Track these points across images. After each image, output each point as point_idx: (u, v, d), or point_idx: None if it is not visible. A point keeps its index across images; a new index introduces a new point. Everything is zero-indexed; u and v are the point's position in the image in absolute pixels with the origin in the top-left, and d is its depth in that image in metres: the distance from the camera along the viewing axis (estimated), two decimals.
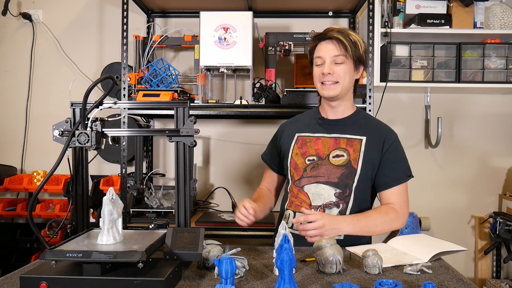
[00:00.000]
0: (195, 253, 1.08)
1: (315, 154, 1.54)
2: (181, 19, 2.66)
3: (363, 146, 1.50)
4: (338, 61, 1.50)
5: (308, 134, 1.59)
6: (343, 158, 1.50)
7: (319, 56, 1.52)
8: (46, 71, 2.72)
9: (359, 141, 1.51)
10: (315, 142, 1.56)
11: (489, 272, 2.61)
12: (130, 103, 1.40)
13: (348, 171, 1.49)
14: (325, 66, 1.50)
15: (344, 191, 1.49)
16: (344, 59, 1.49)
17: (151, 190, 2.31)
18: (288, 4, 2.50)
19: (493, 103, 2.64)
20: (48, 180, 1.12)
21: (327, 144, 1.54)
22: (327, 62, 1.50)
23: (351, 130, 1.54)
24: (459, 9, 2.33)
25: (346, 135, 1.54)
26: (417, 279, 1.08)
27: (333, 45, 1.50)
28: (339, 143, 1.53)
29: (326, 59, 1.50)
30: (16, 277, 1.07)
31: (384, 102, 2.37)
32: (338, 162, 1.50)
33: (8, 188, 2.46)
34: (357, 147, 1.51)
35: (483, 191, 2.65)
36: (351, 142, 1.52)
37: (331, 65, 1.50)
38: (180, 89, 2.24)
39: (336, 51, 1.49)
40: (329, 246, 1.13)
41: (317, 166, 1.52)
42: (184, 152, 1.22)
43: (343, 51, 1.49)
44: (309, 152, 1.55)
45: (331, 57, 1.50)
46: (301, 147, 1.57)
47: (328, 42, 1.51)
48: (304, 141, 1.58)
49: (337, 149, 1.52)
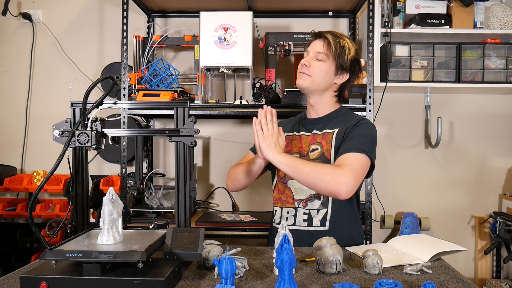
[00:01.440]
0: (195, 253, 1.08)
1: (298, 152, 1.60)
2: (181, 19, 2.66)
3: (334, 136, 1.54)
4: (319, 57, 1.55)
5: (294, 133, 1.66)
6: (317, 151, 1.56)
7: (307, 50, 1.60)
8: (46, 71, 2.72)
9: (331, 133, 1.56)
10: (299, 140, 1.63)
11: (489, 272, 2.61)
12: (130, 103, 1.40)
13: (322, 162, 1.52)
14: (305, 58, 1.58)
15: None
16: (325, 57, 1.55)
17: (151, 190, 2.31)
18: (288, 4, 2.50)
19: (493, 103, 2.64)
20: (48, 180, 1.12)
21: (306, 141, 1.60)
22: (309, 56, 1.57)
23: (330, 126, 1.59)
24: (459, 9, 2.33)
25: (324, 130, 1.58)
26: (417, 279, 1.08)
27: (320, 43, 1.57)
28: (316, 138, 1.59)
29: (310, 53, 1.58)
30: (16, 277, 1.07)
31: (384, 102, 2.37)
32: (314, 155, 1.56)
33: (8, 188, 2.46)
34: (329, 138, 1.55)
35: (483, 191, 2.65)
36: (325, 135, 1.57)
37: (311, 59, 1.56)
38: (180, 89, 2.24)
39: (320, 48, 1.55)
40: (329, 246, 1.13)
41: None
42: (184, 152, 1.22)
43: (326, 50, 1.54)
44: (293, 150, 1.62)
45: (314, 52, 1.56)
46: (286, 145, 1.61)
47: (318, 40, 1.58)
48: (290, 140, 1.65)
49: (314, 144, 1.58)
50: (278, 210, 1.62)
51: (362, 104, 2.15)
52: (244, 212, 2.56)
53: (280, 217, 1.60)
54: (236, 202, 2.64)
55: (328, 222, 1.51)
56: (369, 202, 2.14)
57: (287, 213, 1.57)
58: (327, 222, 1.51)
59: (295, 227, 1.54)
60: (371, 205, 2.14)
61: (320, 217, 1.52)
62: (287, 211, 1.58)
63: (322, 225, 1.51)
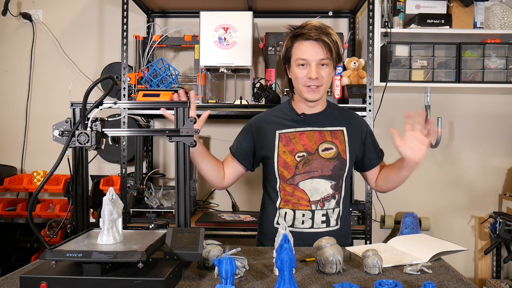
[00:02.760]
0: (195, 253, 1.08)
1: (304, 150, 1.53)
2: (181, 19, 2.67)
3: (346, 136, 1.56)
4: (323, 63, 1.47)
5: (291, 130, 1.56)
6: (332, 150, 1.53)
7: (303, 58, 1.46)
8: (46, 71, 2.72)
9: (341, 132, 1.56)
10: (300, 137, 1.54)
11: (489, 272, 2.61)
12: (130, 103, 1.39)
13: (339, 162, 1.53)
14: (311, 70, 1.46)
15: (338, 182, 1.54)
16: (329, 61, 1.47)
17: (151, 190, 2.31)
18: (288, 4, 2.50)
19: (493, 103, 2.64)
20: (48, 180, 1.12)
21: (313, 138, 1.54)
22: (313, 65, 1.46)
23: (329, 122, 1.57)
24: (459, 9, 2.33)
25: (327, 127, 1.56)
26: (417, 279, 1.08)
27: (319, 48, 1.45)
28: (324, 136, 1.55)
29: (311, 62, 1.46)
30: (16, 277, 1.07)
31: (384, 102, 2.37)
32: (328, 155, 1.53)
33: (8, 188, 2.46)
34: (341, 138, 1.55)
35: (483, 191, 2.65)
36: (335, 134, 1.55)
37: (317, 68, 1.46)
38: (180, 89, 2.24)
39: (322, 55, 1.45)
40: (329, 246, 1.13)
41: (309, 162, 1.52)
42: (184, 152, 1.22)
43: (328, 54, 1.45)
44: (297, 148, 1.54)
45: (316, 60, 1.45)
46: (287, 145, 1.54)
47: (313, 43, 1.45)
48: (288, 138, 1.55)
49: (325, 142, 1.54)
50: (289, 213, 1.54)
51: (362, 104, 2.15)
52: (244, 212, 2.56)
53: (293, 220, 1.53)
54: (236, 202, 2.64)
55: (340, 220, 1.55)
56: (369, 202, 2.14)
57: (303, 216, 1.52)
58: (339, 220, 1.55)
59: (313, 229, 1.51)
60: (371, 205, 2.15)
61: (336, 216, 1.54)
62: (302, 214, 1.52)
63: (336, 224, 1.55)
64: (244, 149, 1.62)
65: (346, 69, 2.29)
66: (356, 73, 2.27)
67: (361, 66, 2.28)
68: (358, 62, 2.26)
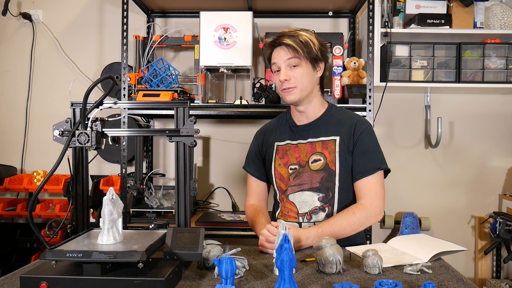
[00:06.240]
0: (195, 253, 1.08)
1: (296, 163, 1.55)
2: (181, 19, 2.67)
3: (337, 146, 1.51)
4: (292, 63, 1.48)
5: (287, 142, 1.59)
6: (320, 162, 1.51)
7: (274, 62, 1.52)
8: (46, 71, 2.72)
9: (333, 142, 1.52)
10: (294, 150, 1.56)
11: (489, 272, 2.61)
12: (130, 103, 1.39)
13: (327, 174, 1.50)
14: (281, 73, 1.49)
15: (327, 194, 1.50)
16: (298, 61, 1.48)
17: (151, 190, 2.31)
18: (288, 4, 2.50)
19: (493, 103, 2.64)
20: (48, 180, 1.12)
21: (304, 151, 1.54)
22: (283, 68, 1.49)
23: (324, 131, 1.54)
24: (459, 9, 2.33)
25: (320, 137, 1.54)
26: (417, 279, 1.08)
27: (284, 51, 1.49)
28: (315, 147, 1.53)
29: (281, 65, 1.50)
30: (16, 277, 1.07)
31: (384, 102, 2.37)
32: (316, 167, 1.51)
33: (8, 188, 2.46)
34: (332, 148, 1.51)
35: (483, 191, 2.65)
36: (326, 144, 1.52)
37: (286, 70, 1.49)
38: (180, 89, 2.24)
39: (287, 55, 1.48)
40: (329, 246, 1.13)
41: (300, 174, 1.53)
42: (184, 152, 1.22)
43: (294, 53, 1.47)
44: (290, 161, 1.56)
45: (284, 61, 1.49)
46: (282, 157, 1.57)
47: (280, 49, 1.50)
48: (284, 150, 1.58)
49: (314, 154, 1.53)
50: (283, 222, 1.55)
51: (362, 104, 2.15)
52: (244, 212, 2.55)
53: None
54: (236, 202, 2.64)
55: None
56: None
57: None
58: None
59: None
60: None
61: None
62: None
63: None
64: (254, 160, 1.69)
65: (346, 69, 2.29)
66: (356, 73, 2.27)
67: (361, 66, 2.28)
68: (358, 62, 2.26)
